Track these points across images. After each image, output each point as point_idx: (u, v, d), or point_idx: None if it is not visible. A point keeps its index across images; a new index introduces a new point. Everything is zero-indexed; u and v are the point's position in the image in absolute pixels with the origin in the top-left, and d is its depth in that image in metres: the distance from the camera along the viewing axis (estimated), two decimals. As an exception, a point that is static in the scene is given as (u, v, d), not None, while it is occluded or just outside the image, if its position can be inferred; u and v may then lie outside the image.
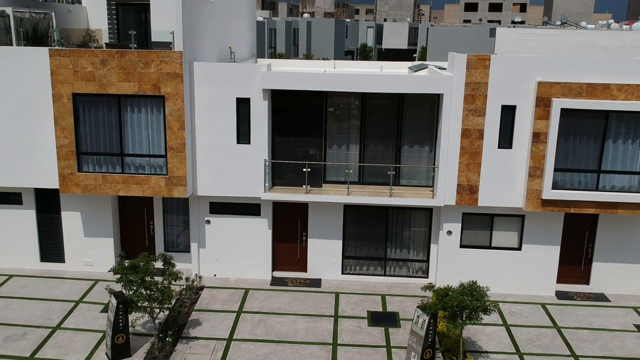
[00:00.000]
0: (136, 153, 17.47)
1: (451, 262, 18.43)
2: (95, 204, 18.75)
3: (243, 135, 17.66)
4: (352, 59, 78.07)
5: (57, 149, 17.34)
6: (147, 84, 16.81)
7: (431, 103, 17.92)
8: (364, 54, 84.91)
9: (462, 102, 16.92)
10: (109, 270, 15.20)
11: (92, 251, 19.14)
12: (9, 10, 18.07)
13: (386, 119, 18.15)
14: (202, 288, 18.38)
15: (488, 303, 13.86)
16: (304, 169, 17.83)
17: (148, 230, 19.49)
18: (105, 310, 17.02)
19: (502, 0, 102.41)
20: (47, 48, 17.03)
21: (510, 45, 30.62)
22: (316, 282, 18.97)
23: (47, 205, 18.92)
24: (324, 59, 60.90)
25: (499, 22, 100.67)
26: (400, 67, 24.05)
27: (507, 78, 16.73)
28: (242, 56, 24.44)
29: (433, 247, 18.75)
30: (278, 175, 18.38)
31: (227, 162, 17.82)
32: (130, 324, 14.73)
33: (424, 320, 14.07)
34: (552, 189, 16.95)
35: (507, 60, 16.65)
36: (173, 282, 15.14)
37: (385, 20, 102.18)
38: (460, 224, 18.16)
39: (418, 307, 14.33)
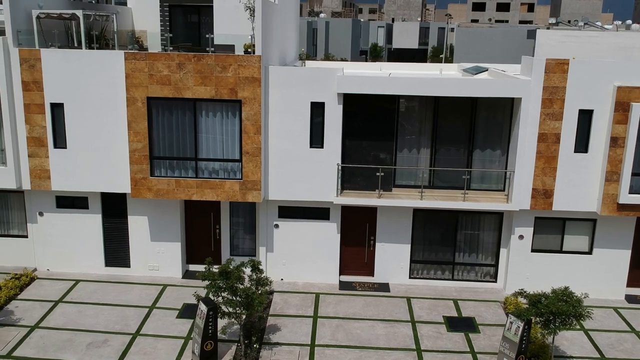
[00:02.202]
0: (210, 157, 17.34)
1: (522, 267, 18.39)
2: (163, 208, 18.60)
3: (316, 139, 17.55)
4: (366, 59, 77.91)
5: (130, 153, 17.19)
6: (224, 88, 16.68)
7: (504, 106, 17.85)
8: (374, 53, 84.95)
9: (539, 106, 16.88)
10: (198, 277, 15.04)
11: (158, 255, 18.99)
12: (79, 13, 17.89)
13: (458, 123, 18.08)
14: (272, 292, 18.26)
15: (581, 309, 13.83)
16: (378, 173, 17.73)
17: (214, 234, 19.36)
18: (181, 316, 16.90)
19: (509, 0, 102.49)
20: (122, 51, 16.89)
21: (551, 47, 30.58)
22: (384, 287, 18.89)
23: (114, 209, 18.75)
24: (341, 59, 60.84)
25: (506, 21, 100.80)
26: (453, 69, 24.03)
27: (585, 82, 16.69)
28: (290, 58, 24.32)
29: (502, 251, 18.70)
30: (347, 179, 18.27)
31: (299, 166, 17.72)
32: (221, 330, 14.63)
33: (518, 327, 14.02)
34: (629, 193, 16.92)
35: (585, 64, 16.61)
36: (261, 287, 15.03)
37: (393, 20, 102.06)
38: (532, 228, 18.12)
39: (511, 313, 14.27)
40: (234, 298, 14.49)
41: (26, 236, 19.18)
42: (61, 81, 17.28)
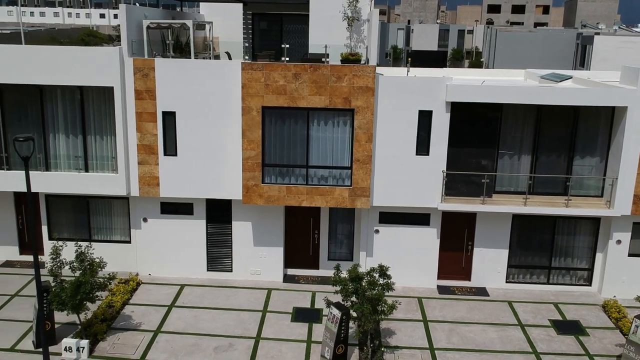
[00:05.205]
0: (320, 165, 17.73)
1: (619, 271, 18.80)
2: (267, 213, 18.98)
3: (422, 146, 17.95)
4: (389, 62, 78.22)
5: (243, 160, 17.57)
6: (338, 98, 17.07)
7: (605, 114, 18.26)
8: (394, 55, 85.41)
9: (644, 115, 17.31)
10: (331, 282, 15.35)
11: (260, 260, 19.36)
12: (189, 23, 18.28)
13: (559, 130, 18.48)
14: (374, 297, 18.62)
15: None
16: (483, 180, 18.14)
17: (313, 239, 19.75)
18: (294, 319, 17.28)
19: (525, 2, 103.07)
20: (239, 61, 17.28)
21: (607, 53, 31.13)
22: (482, 291, 19.30)
23: (218, 215, 19.12)
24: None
25: (521, 23, 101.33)
26: (520, 75, 24.21)
27: (690, 91, 17.12)
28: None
29: (598, 255, 19.12)
30: (448, 185, 18.64)
31: (404, 173, 18.10)
32: (355, 334, 15.01)
33: (645, 330, 14.44)
34: None
35: (691, 74, 17.05)
36: (386, 293, 15.39)
37: (409, 21, 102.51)
38: (629, 233, 18.53)
39: (637, 317, 14.70)
40: (364, 303, 14.85)
41: (129, 241, 19.55)
42: (174, 90, 17.66)
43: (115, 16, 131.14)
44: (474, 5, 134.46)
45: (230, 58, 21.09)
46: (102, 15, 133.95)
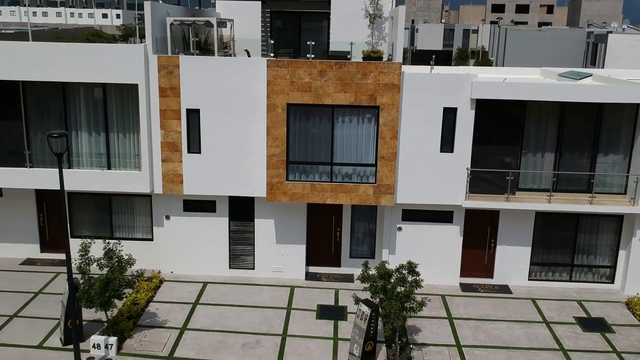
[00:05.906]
0: (345, 162, 17.71)
1: (642, 268, 18.82)
2: (289, 211, 18.97)
3: (447, 144, 17.93)
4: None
5: (268, 158, 17.55)
6: (363, 95, 17.06)
7: (629, 111, 18.25)
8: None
9: (668, 112, 17.30)
10: (358, 279, 15.35)
11: (282, 258, 19.35)
12: (213, 20, 18.26)
13: (583, 127, 18.46)
14: (397, 294, 18.60)
15: None
16: (507, 177, 18.12)
17: (334, 237, 19.73)
18: (319, 317, 17.26)
19: (529, 1, 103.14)
20: (264, 58, 17.27)
21: (620, 52, 31.12)
22: (504, 288, 19.28)
23: (241, 213, 19.10)
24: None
25: (525, 23, 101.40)
26: (536, 74, 24.19)
27: None
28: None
29: (621, 253, 19.10)
30: (472, 182, 18.61)
31: (428, 170, 18.08)
32: (385, 331, 14.98)
33: (675, 327, 14.44)
34: None
35: None
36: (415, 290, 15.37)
37: (413, 21, 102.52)
38: (653, 231, 18.56)
39: (667, 314, 14.70)
40: (392, 300, 14.84)
41: (151, 239, 19.53)
42: (198, 87, 17.65)
43: (118, 16, 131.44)
44: (477, 5, 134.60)
45: (249, 56, 21.08)
46: (105, 15, 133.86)
